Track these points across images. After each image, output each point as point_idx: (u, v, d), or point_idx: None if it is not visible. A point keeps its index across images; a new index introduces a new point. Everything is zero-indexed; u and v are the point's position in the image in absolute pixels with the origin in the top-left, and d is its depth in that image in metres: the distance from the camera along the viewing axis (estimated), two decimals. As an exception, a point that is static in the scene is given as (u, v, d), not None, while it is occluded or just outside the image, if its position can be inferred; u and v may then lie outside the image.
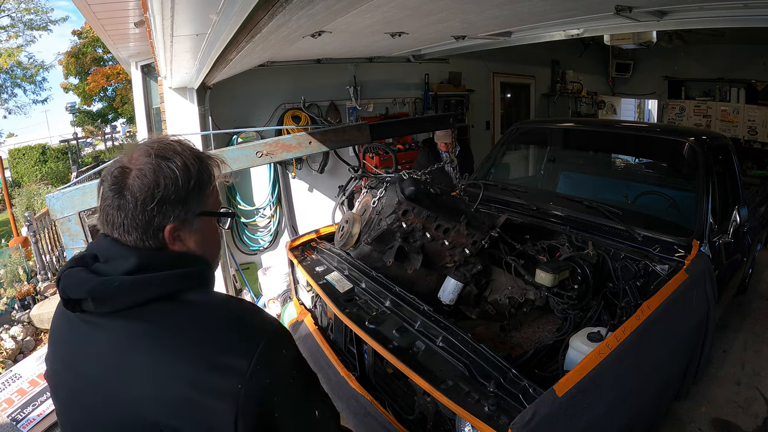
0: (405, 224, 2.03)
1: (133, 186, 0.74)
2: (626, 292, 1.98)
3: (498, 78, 6.21)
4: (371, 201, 2.09)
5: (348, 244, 2.10)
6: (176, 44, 2.18)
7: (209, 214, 0.82)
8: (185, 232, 0.79)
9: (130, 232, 0.75)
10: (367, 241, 2.07)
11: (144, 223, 0.75)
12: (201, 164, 0.80)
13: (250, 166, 1.99)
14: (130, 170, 0.75)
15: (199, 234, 0.81)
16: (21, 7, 14.20)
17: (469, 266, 2.23)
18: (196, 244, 0.81)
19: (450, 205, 2.18)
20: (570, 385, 1.33)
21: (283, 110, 4.29)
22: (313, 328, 2.40)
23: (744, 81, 6.30)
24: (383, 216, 2.02)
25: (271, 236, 4.47)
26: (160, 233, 0.76)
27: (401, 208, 1.99)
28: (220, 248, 0.92)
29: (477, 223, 2.20)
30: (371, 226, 2.06)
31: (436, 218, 2.08)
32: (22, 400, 2.64)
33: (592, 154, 3.75)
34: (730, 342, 3.19)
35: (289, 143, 2.03)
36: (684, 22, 2.64)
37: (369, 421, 1.77)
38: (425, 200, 2.05)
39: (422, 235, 2.10)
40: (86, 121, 17.78)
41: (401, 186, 2.00)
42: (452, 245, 2.15)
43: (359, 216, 2.14)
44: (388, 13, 2.37)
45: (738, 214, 2.31)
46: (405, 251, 2.08)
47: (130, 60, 4.86)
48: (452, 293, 2.22)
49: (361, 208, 2.19)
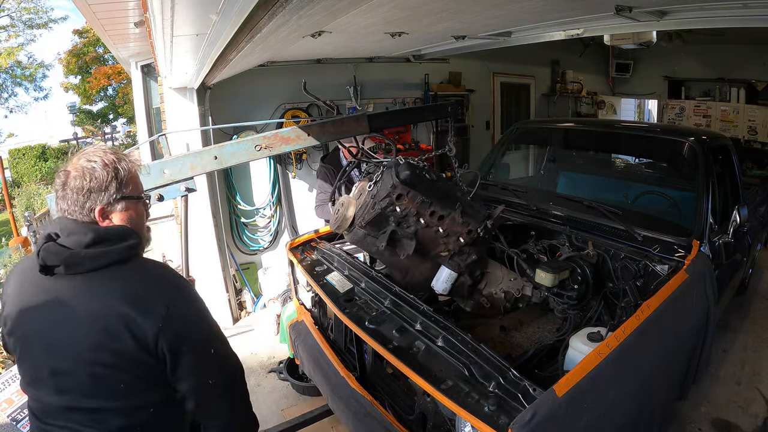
0: (399, 209, 2.00)
1: (71, 183, 1.06)
2: (626, 292, 1.98)
3: (498, 78, 6.21)
4: (367, 185, 2.08)
5: (342, 227, 2.09)
6: (176, 44, 2.18)
7: (127, 198, 1.12)
8: (112, 212, 1.10)
9: (73, 214, 1.07)
10: (361, 224, 2.04)
11: (80, 206, 1.06)
12: (117, 163, 1.10)
13: (250, 159, 1.97)
14: (69, 172, 1.07)
15: (124, 213, 1.12)
16: (21, 6, 14.21)
17: (464, 256, 2.20)
18: (122, 221, 1.11)
19: (446, 192, 2.14)
20: (570, 385, 1.33)
21: (283, 110, 4.29)
22: (313, 328, 2.40)
23: (744, 81, 6.30)
24: (377, 199, 2.00)
25: (271, 236, 4.47)
26: (92, 213, 1.07)
27: (395, 192, 1.97)
28: (144, 227, 1.20)
29: (473, 212, 2.17)
30: (365, 210, 2.05)
31: (430, 204, 2.05)
32: (22, 399, 2.63)
33: (592, 154, 3.75)
34: (730, 342, 3.19)
35: (288, 135, 2.01)
36: (684, 22, 2.64)
37: (369, 421, 1.77)
38: (420, 185, 2.02)
39: (416, 221, 2.07)
40: (86, 120, 17.78)
41: (397, 170, 1.97)
42: (446, 233, 2.13)
43: (354, 199, 2.11)
44: (388, 13, 2.38)
45: (738, 214, 2.31)
46: (397, 236, 2.07)
47: (130, 60, 4.86)
48: (445, 282, 2.20)
49: (357, 192, 2.17)
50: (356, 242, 2.16)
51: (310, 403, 2.76)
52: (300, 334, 2.47)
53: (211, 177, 3.86)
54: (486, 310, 2.31)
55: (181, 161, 1.77)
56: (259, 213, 4.40)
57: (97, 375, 1.01)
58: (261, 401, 2.87)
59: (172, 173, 1.75)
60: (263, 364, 3.28)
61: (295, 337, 2.49)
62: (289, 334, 2.61)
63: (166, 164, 1.74)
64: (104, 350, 1.00)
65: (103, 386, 1.03)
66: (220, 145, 1.91)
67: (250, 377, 3.13)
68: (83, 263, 1.02)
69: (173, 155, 1.80)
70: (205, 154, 1.84)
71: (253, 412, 1.27)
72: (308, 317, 2.51)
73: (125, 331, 0.99)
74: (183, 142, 2.86)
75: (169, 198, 1.81)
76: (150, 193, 1.21)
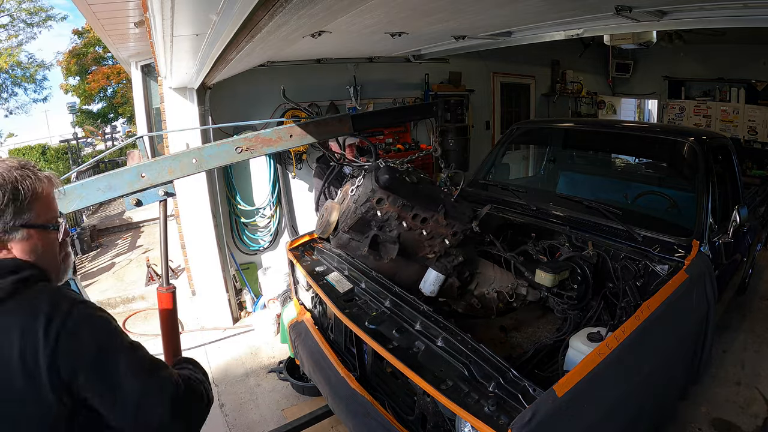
0: (380, 213, 2.00)
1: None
2: (626, 292, 1.98)
3: (498, 78, 6.21)
4: (350, 189, 2.08)
5: (326, 232, 2.09)
6: (176, 44, 2.18)
7: (29, 226, 0.91)
8: (9, 242, 0.90)
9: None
10: (344, 229, 2.05)
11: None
12: (19, 183, 0.90)
13: (230, 162, 1.93)
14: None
15: (26, 242, 0.92)
16: (21, 6, 14.21)
17: (451, 258, 2.20)
18: (23, 252, 0.91)
19: (428, 194, 2.14)
20: (570, 385, 1.33)
21: (283, 110, 4.29)
22: (313, 328, 2.40)
23: (744, 81, 6.30)
24: (358, 204, 2.00)
25: (271, 236, 4.47)
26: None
27: (375, 196, 1.97)
28: (57, 258, 1.00)
29: (457, 214, 2.17)
30: (348, 215, 2.04)
31: (412, 207, 2.05)
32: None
33: (592, 154, 3.76)
34: (730, 342, 3.19)
35: (269, 137, 1.97)
36: (684, 22, 2.63)
37: (369, 421, 1.77)
38: (401, 189, 2.02)
39: (399, 225, 2.07)
40: (86, 121, 17.77)
41: (376, 174, 1.97)
42: (431, 235, 2.12)
43: (337, 204, 2.12)
44: (388, 13, 2.37)
45: (738, 214, 2.31)
46: (380, 240, 2.06)
47: (130, 60, 4.87)
48: (433, 284, 2.20)
49: (341, 197, 2.17)
50: (341, 247, 2.17)
51: (310, 403, 2.76)
52: (300, 334, 2.47)
53: (211, 177, 3.86)
54: (478, 311, 2.31)
55: (160, 164, 1.72)
56: (259, 213, 4.40)
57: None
58: (261, 401, 2.87)
59: (150, 177, 1.69)
60: (263, 364, 3.28)
61: (295, 337, 2.49)
62: (289, 334, 2.61)
63: (144, 168, 1.69)
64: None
65: None
66: (199, 147, 1.86)
67: (250, 377, 3.14)
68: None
69: (152, 159, 1.76)
70: (184, 157, 1.79)
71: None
72: (308, 317, 2.51)
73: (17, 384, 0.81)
74: (183, 143, 2.86)
75: (148, 203, 1.73)
76: (63, 221, 1.00)
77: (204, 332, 3.73)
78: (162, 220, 1.77)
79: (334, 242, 2.16)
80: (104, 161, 10.33)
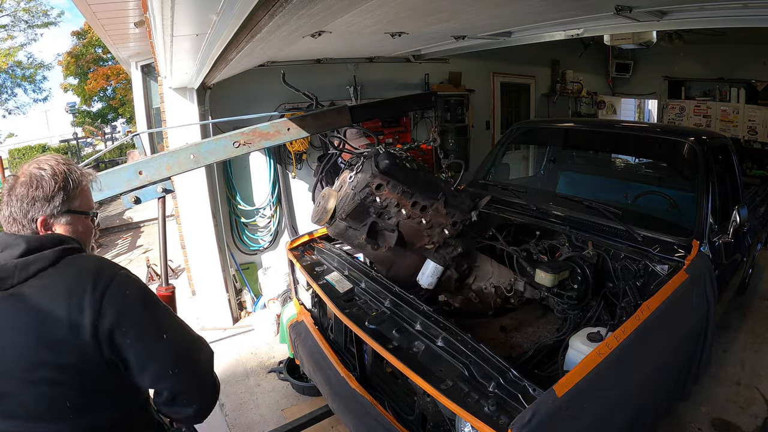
0: (379, 199, 1.95)
1: (17, 189, 1.03)
2: (626, 292, 1.98)
3: (498, 78, 6.21)
4: (348, 176, 2.02)
5: (323, 219, 2.03)
6: (176, 44, 2.18)
7: (73, 212, 1.07)
8: (54, 224, 1.05)
9: (12, 223, 1.03)
10: (342, 216, 1.99)
11: (23, 214, 1.02)
12: (68, 174, 1.06)
13: (227, 157, 1.93)
14: (18, 178, 1.05)
15: (68, 226, 1.07)
16: (20, 6, 14.20)
17: (450, 249, 2.16)
18: (65, 233, 1.06)
19: (428, 182, 2.09)
20: (570, 385, 1.33)
21: (283, 110, 4.28)
22: (313, 328, 2.40)
23: (744, 81, 6.29)
24: (357, 190, 1.95)
25: (271, 236, 4.47)
26: (34, 224, 1.03)
27: (375, 182, 1.92)
28: (91, 243, 1.16)
29: (457, 203, 2.12)
30: (345, 201, 1.99)
31: (411, 194, 2.00)
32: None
33: (592, 154, 3.75)
34: (730, 342, 3.19)
35: (267, 131, 1.96)
36: (684, 22, 2.63)
37: (369, 421, 1.77)
38: (400, 175, 1.97)
39: (397, 212, 2.02)
40: (86, 121, 17.77)
41: (376, 159, 1.93)
42: (430, 224, 2.07)
43: (335, 191, 2.05)
44: (388, 13, 2.37)
45: (738, 214, 2.31)
46: (378, 228, 2.01)
47: (130, 60, 4.87)
48: (431, 276, 2.16)
49: (339, 184, 2.10)
50: (338, 235, 2.11)
51: (310, 403, 2.76)
52: (300, 334, 2.47)
53: (211, 177, 3.86)
54: (475, 306, 2.29)
55: (157, 161, 1.72)
56: (259, 213, 4.40)
57: (42, 395, 0.94)
58: (261, 401, 2.87)
59: (148, 174, 1.70)
60: (263, 364, 3.28)
61: (295, 337, 2.49)
62: (289, 334, 2.61)
63: (142, 165, 1.69)
64: (45, 366, 0.93)
65: (49, 408, 0.95)
66: (196, 143, 1.87)
67: (250, 377, 3.14)
68: (13, 276, 0.95)
69: (149, 156, 1.76)
70: (181, 153, 1.79)
71: (212, 376, 1.18)
72: (308, 317, 2.50)
73: (61, 336, 0.93)
74: (182, 142, 2.86)
75: (146, 200, 1.73)
76: (98, 212, 1.11)
77: (204, 332, 3.70)
78: (160, 217, 1.77)
79: (331, 230, 2.09)
80: (104, 161, 10.33)
